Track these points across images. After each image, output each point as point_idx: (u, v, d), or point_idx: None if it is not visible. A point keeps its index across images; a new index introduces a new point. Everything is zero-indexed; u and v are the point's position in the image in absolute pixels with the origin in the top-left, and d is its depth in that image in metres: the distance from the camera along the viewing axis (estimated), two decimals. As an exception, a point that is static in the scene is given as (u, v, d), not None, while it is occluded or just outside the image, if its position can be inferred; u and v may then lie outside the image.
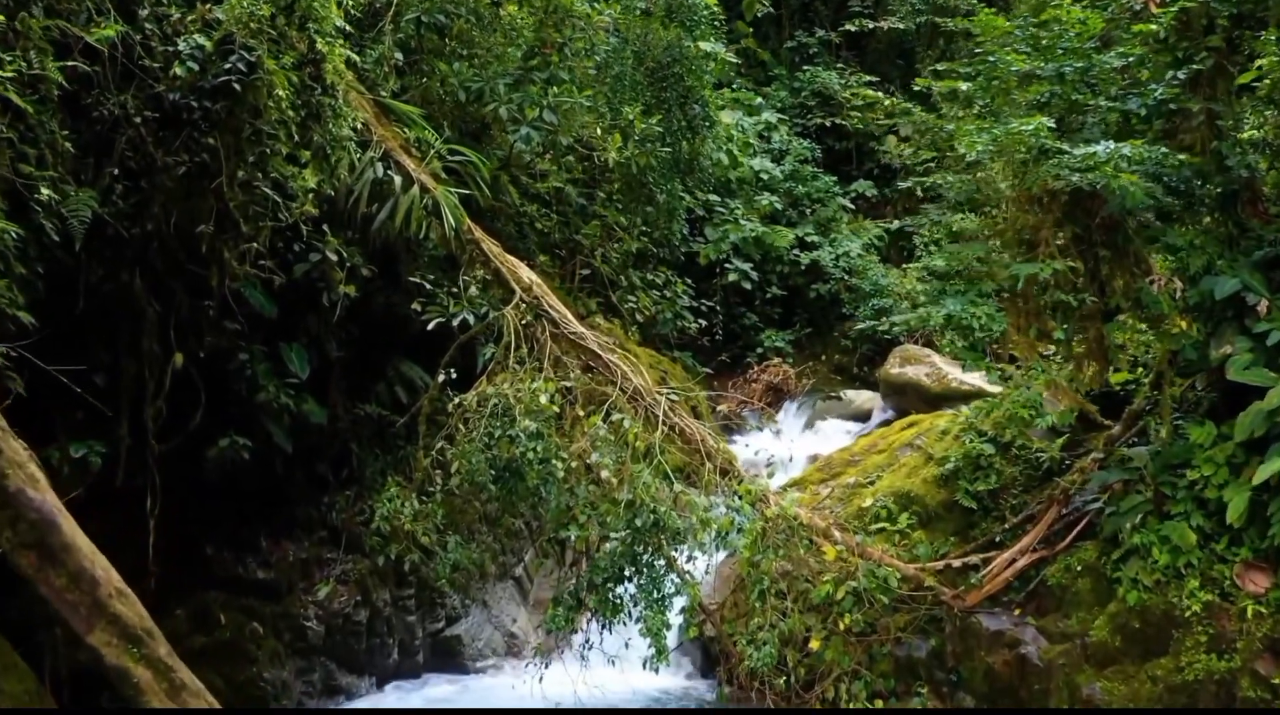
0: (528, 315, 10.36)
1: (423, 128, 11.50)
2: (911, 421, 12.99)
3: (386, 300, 12.00)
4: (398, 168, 10.76)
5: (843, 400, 20.42)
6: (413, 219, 10.50)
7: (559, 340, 10.37)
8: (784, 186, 23.21)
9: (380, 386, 12.27)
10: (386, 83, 12.17)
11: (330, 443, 11.78)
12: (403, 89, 12.84)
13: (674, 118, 14.93)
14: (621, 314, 17.25)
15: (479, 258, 10.68)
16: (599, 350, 10.31)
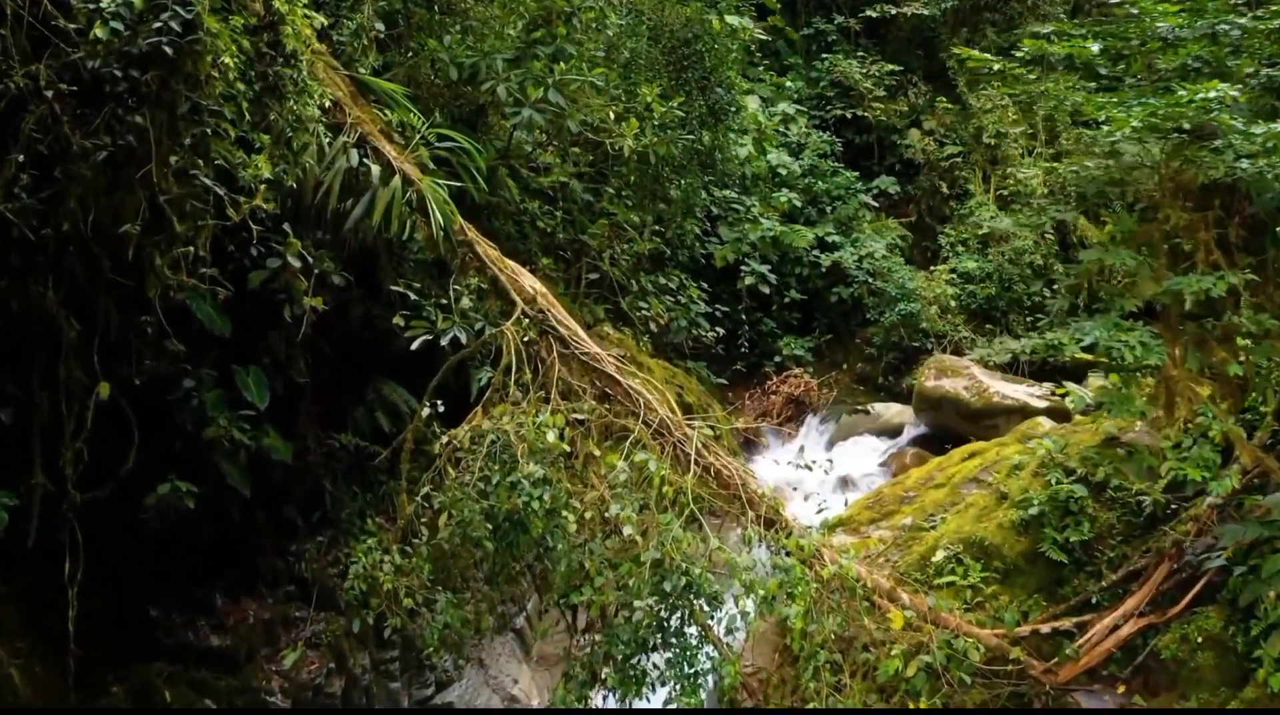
0: (531, 332, 8.63)
1: (407, 109, 9.75)
2: (972, 451, 11.25)
3: (365, 311, 10.26)
4: (376, 155, 9.03)
5: (870, 414, 18.72)
6: (394, 216, 8.77)
7: (569, 362, 8.63)
8: (802, 182, 21.50)
9: (359, 412, 10.52)
10: (366, 58, 10.45)
11: (298, 480, 10.03)
12: (385, 66, 11.12)
13: (694, 102, 13.18)
14: (632, 322, 15.53)
15: (473, 263, 8.94)
16: (617, 375, 8.56)
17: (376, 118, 9.59)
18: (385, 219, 8.82)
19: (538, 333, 8.63)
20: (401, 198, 8.75)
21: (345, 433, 10.36)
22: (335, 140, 8.88)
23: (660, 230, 16.12)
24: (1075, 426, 11.28)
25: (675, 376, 15.41)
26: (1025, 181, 22.29)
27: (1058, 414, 16.20)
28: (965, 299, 21.22)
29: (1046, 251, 22.15)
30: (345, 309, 10.14)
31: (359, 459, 10.44)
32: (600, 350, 8.74)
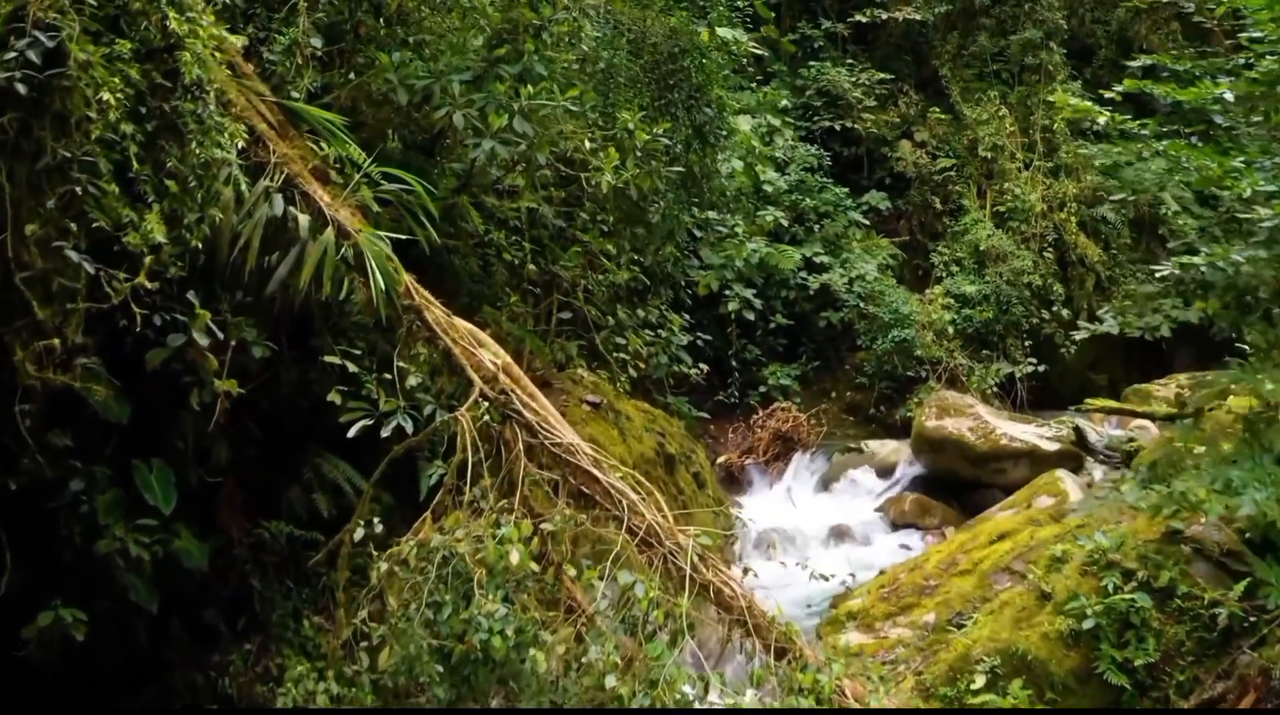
0: (491, 417, 7.14)
1: (344, 142, 8.25)
2: (1001, 531, 9.81)
3: (300, 376, 8.73)
4: (305, 201, 7.53)
5: (864, 452, 17.29)
6: (325, 276, 7.28)
7: (537, 454, 7.16)
8: (788, 199, 20.10)
9: (293, 494, 8.98)
10: (300, 80, 8.97)
11: (220, 581, 8.49)
12: (324, 88, 9.62)
13: (681, 125, 11.70)
14: (608, 361, 14.08)
15: (421, 332, 7.45)
16: (595, 470, 7.08)
17: (309, 153, 8.11)
18: (317, 278, 7.32)
19: (499, 418, 7.15)
20: (334, 253, 7.26)
21: (277, 520, 8.85)
22: (257, 185, 7.36)
23: (639, 258, 14.69)
24: (1101, 496, 9.92)
25: (655, 421, 13.95)
26: (1023, 197, 21.00)
27: (1069, 457, 14.91)
28: (961, 323, 19.87)
29: (1045, 271, 20.85)
30: (277, 373, 8.65)
31: (293, 549, 8.92)
32: (576, 438, 7.25)
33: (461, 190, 11.11)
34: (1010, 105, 22.45)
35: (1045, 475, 13.39)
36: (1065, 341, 20.91)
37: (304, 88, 9.01)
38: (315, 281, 7.36)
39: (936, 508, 15.44)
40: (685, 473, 13.74)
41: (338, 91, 9.58)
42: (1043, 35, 22.29)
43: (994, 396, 19.83)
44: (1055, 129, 22.06)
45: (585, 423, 12.27)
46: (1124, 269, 22.10)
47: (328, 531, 8.60)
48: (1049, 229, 21.52)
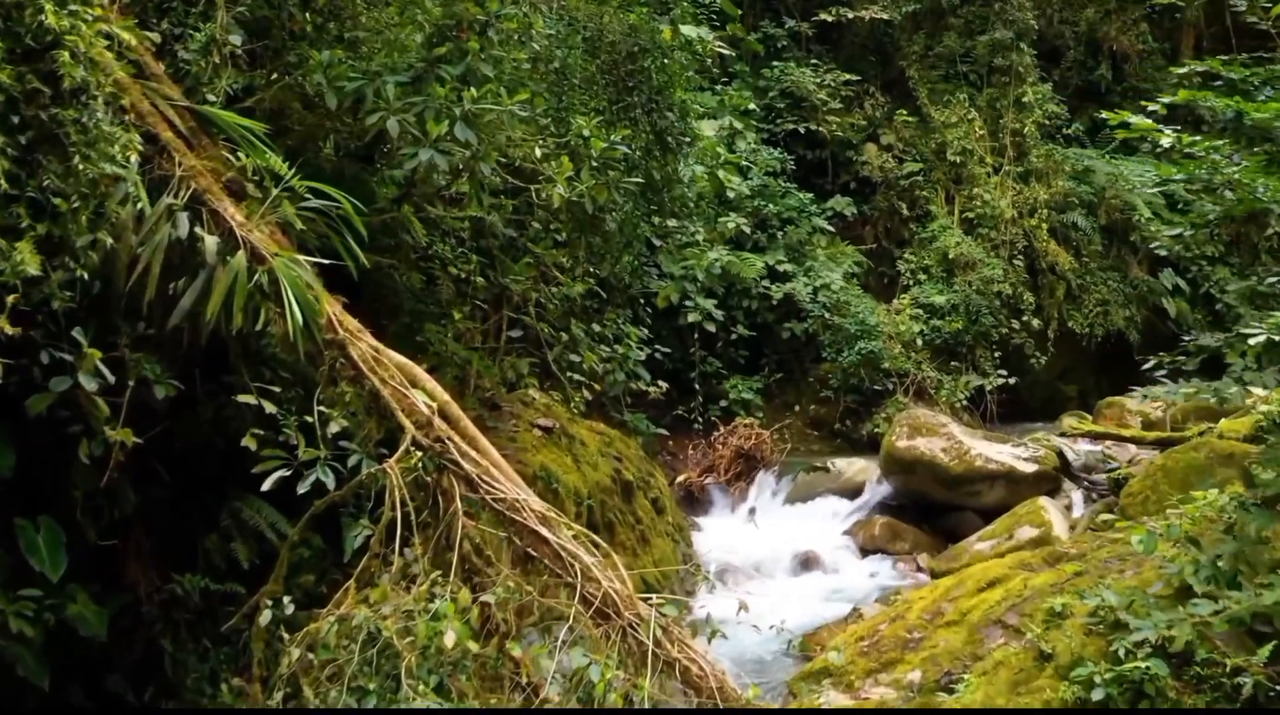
0: (426, 469, 6.26)
1: (263, 152, 7.33)
2: (991, 578, 8.93)
3: (216, 414, 7.83)
4: (215, 221, 6.62)
5: (830, 471, 16.46)
6: (236, 306, 6.37)
7: (478, 511, 6.28)
8: (750, 204, 19.29)
9: (210, 542, 8.08)
10: (218, 81, 8.04)
11: (126, 643, 7.59)
12: (247, 90, 8.69)
13: (640, 131, 10.80)
14: (560, 379, 13.20)
15: (345, 370, 6.54)
16: (543, 528, 6.19)
17: (222, 164, 7.19)
18: (227, 309, 6.42)
19: (435, 470, 6.27)
20: (246, 280, 6.34)
21: (191, 573, 7.93)
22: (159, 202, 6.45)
23: (594, 270, 13.81)
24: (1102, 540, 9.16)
25: (612, 443, 13.12)
26: (993, 203, 20.29)
27: (1046, 479, 14.19)
28: (929, 334, 19.13)
29: (1015, 279, 20.15)
30: (189, 411, 7.75)
31: (210, 605, 8.01)
32: (522, 491, 6.36)
33: (403, 200, 10.20)
34: (979, 108, 21.75)
35: (1027, 503, 12.66)
36: (1035, 352, 20.28)
37: (222, 90, 8.08)
38: (226, 312, 6.44)
39: (908, 532, 14.68)
40: (643, 499, 12.92)
41: (261, 94, 8.64)
42: (1013, 36, 21.58)
43: (962, 409, 19.15)
44: (1025, 132, 21.38)
45: (537, 449, 11.43)
46: (1095, 277, 21.46)
47: (250, 583, 7.73)
48: (1019, 236, 20.83)
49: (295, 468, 6.56)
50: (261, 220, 6.97)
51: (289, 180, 7.21)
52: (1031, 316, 20.49)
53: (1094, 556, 8.46)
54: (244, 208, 6.96)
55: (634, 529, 12.34)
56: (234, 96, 8.43)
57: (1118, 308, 21.47)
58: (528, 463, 11.07)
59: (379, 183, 10.58)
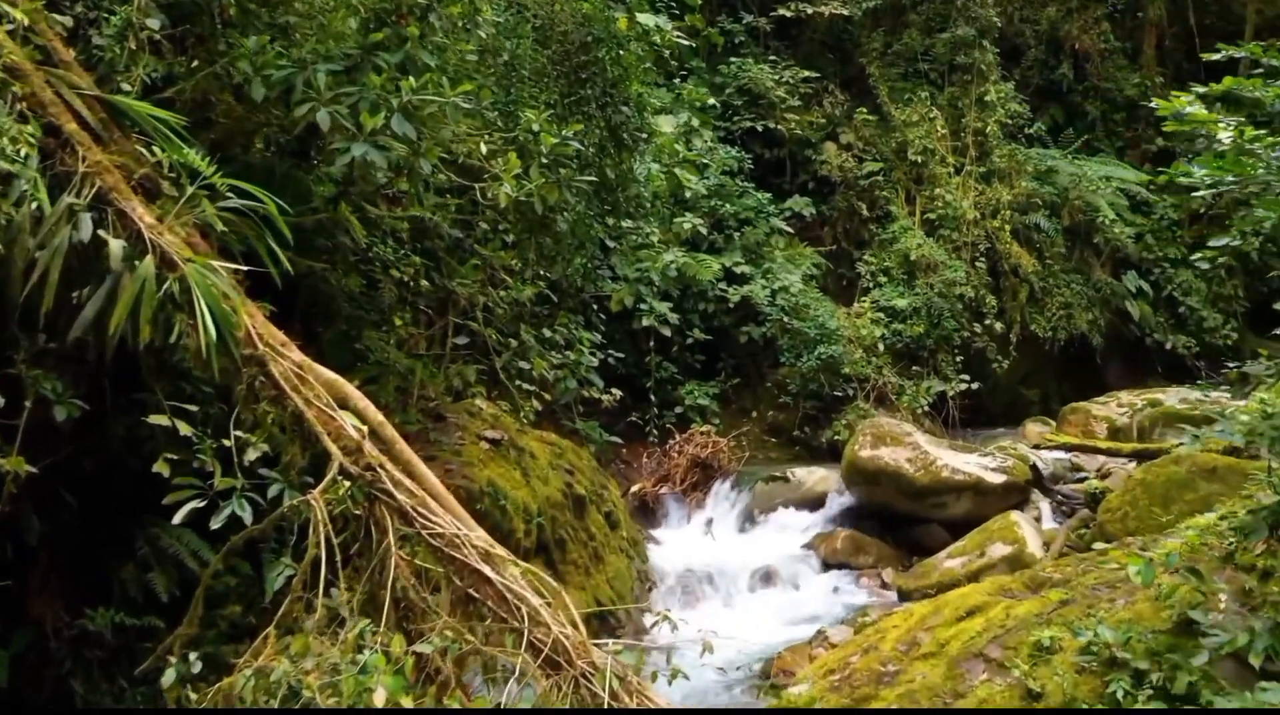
0: (355, 500, 5.61)
1: (179, 147, 6.65)
2: (971, 606, 8.31)
3: (130, 433, 7.15)
4: (121, 222, 5.94)
5: (790, 481, 15.88)
6: (143, 317, 5.69)
7: (413, 547, 5.63)
8: (707, 204, 18.69)
9: (126, 572, 7.41)
10: (134, 69, 7.36)
11: (32, 684, 6.92)
12: (168, 80, 8.00)
13: (594, 126, 10.13)
14: (509, 388, 12.55)
15: (266, 390, 5.87)
16: (487, 567, 5.55)
17: (134, 161, 6.51)
18: (134, 320, 5.74)
19: (365, 501, 5.61)
20: (155, 289, 5.67)
21: (104, 607, 7.26)
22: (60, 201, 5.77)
23: (544, 273, 13.17)
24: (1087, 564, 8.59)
25: (563, 455, 12.47)
26: (954, 203, 19.80)
27: (1014, 490, 13.69)
28: (891, 338, 18.61)
29: (978, 282, 19.67)
30: (101, 426, 7.07)
31: (125, 641, 7.34)
32: (462, 526, 5.71)
33: (340, 199, 9.52)
34: (940, 106, 21.27)
35: (999, 519, 12.14)
36: (997, 356, 19.83)
37: (138, 79, 7.41)
38: (133, 324, 5.77)
39: (871, 545, 14.14)
40: (596, 514, 12.30)
41: (183, 84, 7.95)
42: (975, 33, 21.11)
43: (924, 415, 18.66)
44: (988, 132, 20.91)
45: (484, 463, 10.78)
46: (1057, 279, 21.05)
47: (170, 617, 7.07)
48: (981, 237, 20.36)
49: (211, 497, 5.88)
50: (177, 221, 6.30)
51: (207, 177, 6.53)
52: (994, 319, 20.04)
53: (1080, 583, 7.87)
54: (157, 208, 6.29)
55: (587, 546, 11.72)
56: (153, 86, 7.75)
57: (1081, 311, 21.08)
58: (474, 478, 10.44)
59: (315, 181, 9.91)
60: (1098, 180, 21.42)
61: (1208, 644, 6.41)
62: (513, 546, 10.55)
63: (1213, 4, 25.20)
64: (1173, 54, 25.17)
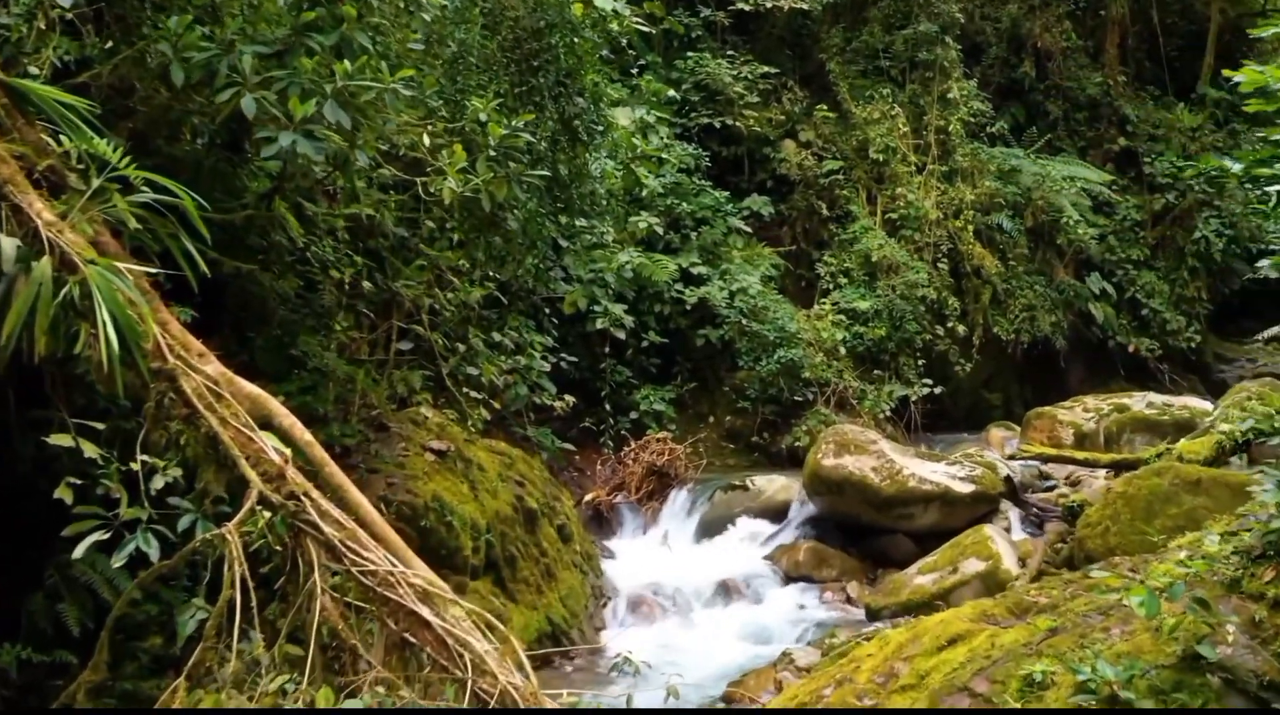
0: (276, 533, 4.97)
1: (89, 136, 5.98)
2: (953, 634, 7.75)
3: (38, 451, 6.48)
4: (16, 218, 5.27)
5: (749, 490, 15.32)
6: (39, 326, 5.03)
7: (343, 584, 4.99)
8: (663, 203, 18.10)
9: (33, 604, 6.76)
10: (44, 51, 6.72)
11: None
12: (84, 63, 7.33)
13: (546, 117, 9.48)
14: (456, 395, 11.92)
15: (177, 408, 5.22)
16: (426, 609, 4.91)
17: (37, 151, 5.83)
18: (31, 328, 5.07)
19: (288, 533, 4.97)
20: (52, 294, 5.01)
21: (10, 642, 6.59)
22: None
23: (495, 274, 12.55)
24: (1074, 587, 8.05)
25: (513, 465, 11.87)
26: (916, 203, 19.31)
27: (983, 500, 13.20)
28: (852, 341, 18.09)
29: (940, 284, 19.19)
30: (6, 444, 6.42)
31: (33, 680, 6.68)
32: (399, 561, 5.07)
33: (274, 194, 8.88)
34: (902, 104, 20.78)
35: (971, 533, 11.62)
36: (959, 359, 19.37)
37: (48, 61, 6.75)
38: (29, 332, 5.10)
39: (834, 557, 13.62)
40: (548, 527, 11.70)
41: (99, 67, 7.28)
42: (938, 29, 20.63)
43: (885, 420, 18.16)
44: (950, 130, 20.42)
45: (429, 476, 10.15)
46: (1020, 281, 20.63)
47: (84, 651, 6.40)
48: (943, 238, 19.88)
49: (116, 528, 5.22)
50: (83, 218, 5.63)
51: (118, 169, 5.87)
52: (956, 322, 19.58)
53: (1069, 609, 7.32)
54: (61, 203, 5.62)
55: (538, 562, 11.12)
56: (65, 69, 7.10)
57: (1044, 313, 20.66)
58: (418, 492, 9.82)
59: (249, 175, 9.27)
60: (1061, 180, 20.98)
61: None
62: (460, 565, 9.96)
63: (1175, 3, 24.86)
64: (1135, 53, 24.82)
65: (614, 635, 11.87)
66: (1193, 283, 22.76)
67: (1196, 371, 23.19)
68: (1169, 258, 23.13)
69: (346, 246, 10.58)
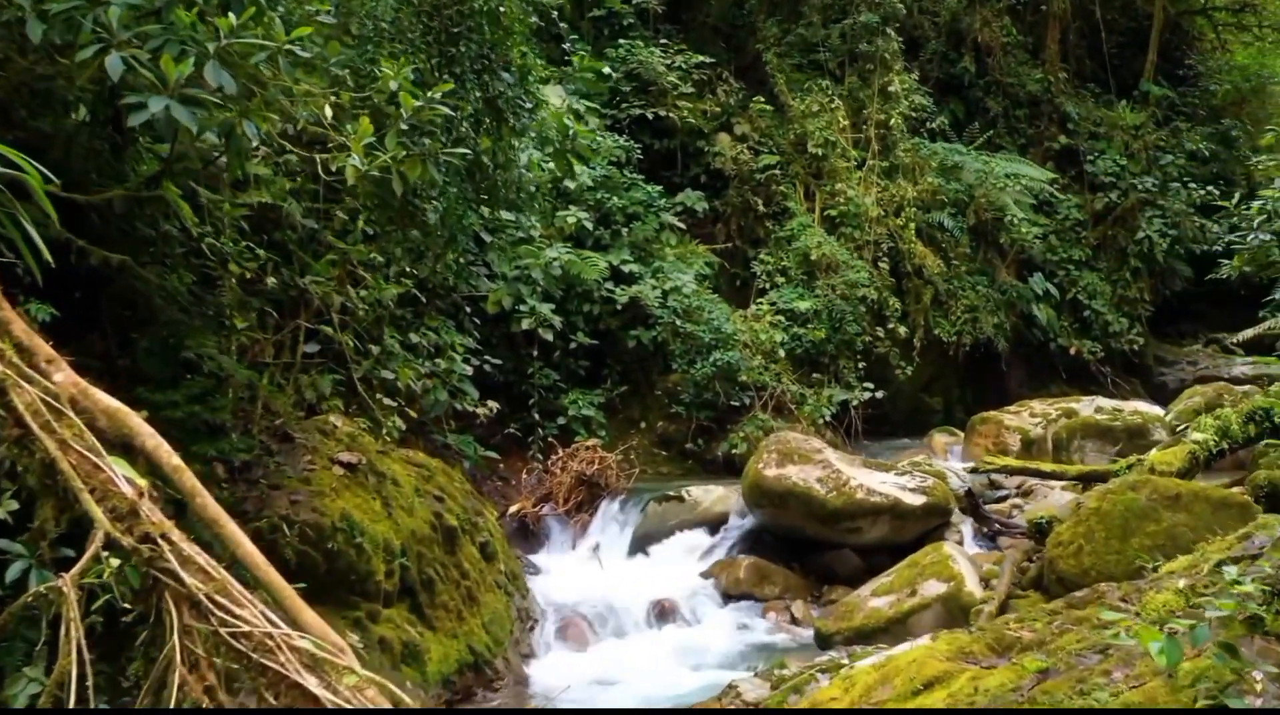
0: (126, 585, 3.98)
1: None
2: (929, 678, 6.82)
3: None
4: None
5: (685, 501, 14.41)
6: None
7: (211, 646, 4.01)
8: (592, 197, 17.17)
9: None
10: None
11: None
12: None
13: (468, 94, 8.47)
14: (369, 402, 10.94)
15: (6, 428, 4.20)
16: (311, 680, 3.93)
17: None
18: None
19: (142, 585, 3.98)
20: None
21: None
22: None
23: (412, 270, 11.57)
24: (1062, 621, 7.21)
25: (432, 478, 10.84)
26: (856, 200, 18.53)
27: (935, 512, 12.49)
28: (790, 343, 17.28)
29: (881, 283, 18.44)
30: None
31: None
32: (286, 614, 4.10)
33: (163, 177, 7.84)
34: (841, 97, 20.00)
35: (930, 551, 10.80)
36: (900, 362, 18.65)
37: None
38: None
39: (777, 574, 12.77)
40: (470, 546, 10.70)
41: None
42: (879, 20, 19.87)
43: (825, 426, 17.37)
44: (891, 124, 19.67)
45: (338, 492, 9.12)
46: (963, 281, 19.94)
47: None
48: (884, 236, 19.14)
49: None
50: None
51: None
52: (897, 323, 18.83)
53: (1059, 647, 6.46)
54: None
55: (459, 586, 10.13)
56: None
57: (986, 314, 19.99)
58: (325, 511, 8.80)
59: (134, 157, 8.24)
60: (1004, 178, 20.32)
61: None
62: (372, 592, 8.99)
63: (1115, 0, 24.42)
64: (1075, 50, 24.31)
65: (542, 664, 10.94)
66: (1135, 284, 22.28)
67: (1138, 374, 22.74)
68: (1111, 258, 22.63)
69: (250, 239, 9.59)
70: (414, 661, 9.21)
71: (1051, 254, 21.72)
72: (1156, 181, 22.65)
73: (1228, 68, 25.66)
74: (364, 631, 8.85)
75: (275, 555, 8.35)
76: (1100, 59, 24.24)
